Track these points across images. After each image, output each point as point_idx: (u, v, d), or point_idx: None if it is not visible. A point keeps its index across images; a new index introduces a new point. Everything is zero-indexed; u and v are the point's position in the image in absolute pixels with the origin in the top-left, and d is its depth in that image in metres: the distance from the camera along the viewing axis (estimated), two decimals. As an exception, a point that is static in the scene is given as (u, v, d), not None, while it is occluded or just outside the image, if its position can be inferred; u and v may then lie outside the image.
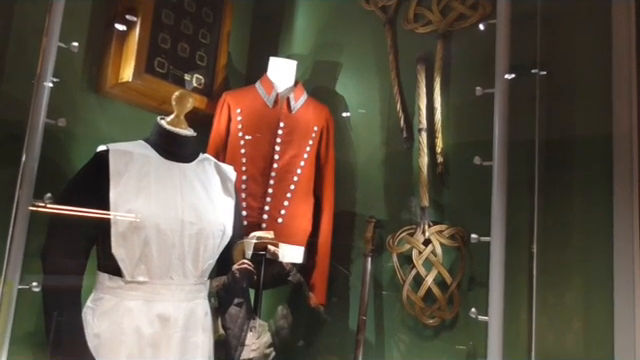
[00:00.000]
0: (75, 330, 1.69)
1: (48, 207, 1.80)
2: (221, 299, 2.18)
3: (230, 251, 2.10)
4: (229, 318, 2.30)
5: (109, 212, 1.73)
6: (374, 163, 2.52)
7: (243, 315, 2.31)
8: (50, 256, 1.75)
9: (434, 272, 2.18)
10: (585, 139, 2.02)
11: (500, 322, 1.88)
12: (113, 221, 1.73)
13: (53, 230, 1.77)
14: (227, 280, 2.14)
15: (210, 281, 2.04)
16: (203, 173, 2.01)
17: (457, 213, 2.24)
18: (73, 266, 1.76)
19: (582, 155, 2.02)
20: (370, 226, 2.40)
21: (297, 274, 2.31)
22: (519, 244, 2.02)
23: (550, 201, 2.02)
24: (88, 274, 1.81)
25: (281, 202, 2.36)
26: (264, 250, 2.17)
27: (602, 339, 1.86)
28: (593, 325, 1.92)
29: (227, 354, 2.28)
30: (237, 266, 2.11)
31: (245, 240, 2.20)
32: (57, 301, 1.72)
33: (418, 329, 2.27)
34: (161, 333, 1.78)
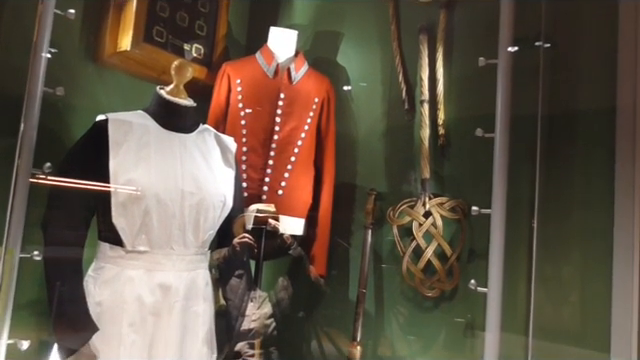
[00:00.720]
0: (77, 298, 1.71)
1: (48, 178, 1.79)
2: (222, 271, 2.19)
3: (230, 223, 2.11)
4: (230, 289, 2.32)
5: (109, 182, 1.73)
6: (375, 135, 2.51)
7: (243, 286, 2.33)
8: (50, 226, 1.75)
9: (434, 244, 2.19)
10: (588, 113, 2.00)
11: (499, 294, 1.89)
12: (113, 191, 1.73)
13: (53, 200, 1.77)
14: (227, 253, 2.15)
15: (211, 252, 2.04)
16: (203, 144, 1.99)
17: (458, 185, 2.24)
18: (74, 235, 1.77)
19: (585, 129, 2.00)
20: (370, 198, 2.40)
21: (298, 248, 2.32)
22: (520, 217, 2.01)
23: (551, 175, 2.02)
24: (89, 244, 1.82)
25: (281, 174, 2.35)
26: (264, 224, 2.17)
27: (599, 313, 1.87)
28: (591, 299, 1.93)
29: (228, 324, 2.30)
30: (238, 240, 2.11)
31: (245, 213, 2.20)
32: (59, 270, 1.73)
33: (417, 300, 2.28)
34: (162, 302, 1.79)
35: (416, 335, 2.30)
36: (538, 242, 1.96)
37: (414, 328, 2.31)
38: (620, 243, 1.87)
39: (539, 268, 1.96)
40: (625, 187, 1.87)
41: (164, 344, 1.79)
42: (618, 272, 1.86)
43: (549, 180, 2.01)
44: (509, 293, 1.94)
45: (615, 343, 1.83)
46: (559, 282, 2.01)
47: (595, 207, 1.94)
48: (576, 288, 1.99)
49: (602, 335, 1.84)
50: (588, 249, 1.96)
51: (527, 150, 2.03)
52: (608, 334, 1.83)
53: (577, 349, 1.93)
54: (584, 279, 1.98)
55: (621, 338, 1.82)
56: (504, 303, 1.90)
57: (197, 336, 1.88)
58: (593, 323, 1.91)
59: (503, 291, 1.90)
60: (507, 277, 1.92)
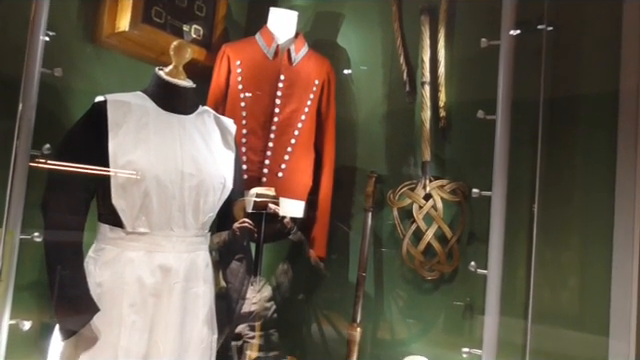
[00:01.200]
0: (78, 279, 1.71)
1: (48, 162, 1.78)
2: (222, 254, 2.20)
3: (230, 206, 2.10)
4: (230, 272, 2.33)
5: (108, 163, 1.72)
6: (375, 117, 2.50)
7: (244, 270, 2.34)
8: (50, 207, 1.75)
9: (434, 227, 2.19)
10: (591, 97, 1.99)
11: (499, 275, 1.90)
12: (112, 172, 1.72)
13: (52, 181, 1.77)
14: (228, 237, 2.15)
15: (211, 234, 2.04)
16: (203, 125, 1.98)
17: (459, 168, 2.23)
18: (73, 217, 1.76)
19: (587, 113, 2.00)
20: (371, 181, 2.39)
21: (298, 232, 2.33)
22: (520, 199, 2.01)
23: (553, 158, 2.01)
24: (88, 227, 1.82)
25: (281, 156, 2.34)
26: (264, 208, 2.17)
27: (599, 298, 1.88)
28: (590, 284, 1.94)
29: (228, 307, 2.32)
30: (238, 224, 2.11)
31: (246, 197, 2.20)
32: (59, 251, 1.72)
33: (417, 283, 2.29)
34: (163, 283, 1.79)
35: (416, 317, 2.32)
36: (538, 226, 1.97)
37: (414, 310, 2.33)
38: (620, 228, 1.87)
39: (539, 252, 1.97)
40: (627, 172, 1.87)
41: (164, 325, 1.79)
42: (618, 257, 1.86)
43: (550, 164, 2.01)
44: (509, 276, 1.95)
45: (614, 327, 1.84)
46: (559, 266, 2.01)
47: (596, 192, 1.94)
48: (576, 272, 2.00)
49: (601, 319, 1.85)
50: (588, 233, 1.96)
51: (528, 133, 2.02)
52: (607, 318, 1.84)
53: (576, 333, 1.94)
54: (584, 263, 1.98)
55: (620, 322, 1.83)
56: (504, 286, 1.91)
57: (197, 317, 1.88)
58: (592, 307, 1.92)
59: (503, 273, 1.91)
60: (507, 260, 1.93)
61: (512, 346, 1.98)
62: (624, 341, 1.81)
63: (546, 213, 1.98)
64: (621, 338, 1.82)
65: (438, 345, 2.21)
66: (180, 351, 1.82)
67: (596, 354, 1.85)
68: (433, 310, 2.25)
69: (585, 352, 1.91)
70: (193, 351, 1.86)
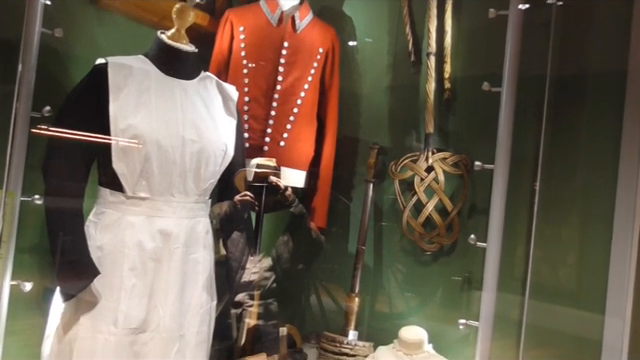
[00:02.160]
0: (78, 242, 1.71)
1: (48, 125, 1.76)
2: (223, 225, 2.20)
3: (232, 175, 2.10)
4: (230, 242, 2.34)
5: (109, 127, 1.71)
6: (379, 88, 2.47)
7: (244, 240, 2.35)
8: (51, 169, 1.74)
9: (435, 199, 2.18)
10: (598, 74, 1.97)
11: (498, 248, 1.90)
12: (113, 135, 1.71)
13: (53, 144, 1.76)
14: (229, 209, 2.15)
15: (211, 201, 2.04)
16: (204, 91, 1.96)
17: (462, 140, 2.22)
18: (74, 179, 1.76)
19: (593, 90, 1.98)
20: (373, 152, 2.38)
21: (299, 205, 2.33)
22: (522, 173, 2.01)
23: (556, 135, 1.99)
24: (89, 193, 1.82)
25: (284, 125, 2.32)
26: (265, 180, 2.16)
27: (597, 276, 1.89)
28: (589, 262, 1.94)
29: (228, 276, 2.33)
30: (239, 197, 2.12)
31: (246, 168, 2.19)
32: (59, 213, 1.73)
33: (416, 254, 2.30)
34: (163, 248, 1.80)
35: (414, 289, 2.33)
36: (539, 202, 1.96)
37: (412, 282, 2.34)
38: (621, 208, 1.86)
39: (539, 228, 1.97)
40: (630, 153, 1.86)
41: (164, 289, 1.81)
42: (617, 236, 1.86)
43: (554, 140, 1.99)
44: (508, 250, 1.95)
45: (610, 305, 1.85)
46: (558, 243, 2.02)
47: (599, 170, 1.93)
48: (575, 250, 2.00)
49: (598, 297, 1.86)
50: (589, 212, 1.96)
51: (534, 107, 2.00)
52: (604, 296, 1.85)
53: (572, 310, 1.96)
54: (583, 241, 1.99)
55: (617, 300, 1.84)
56: (502, 259, 1.91)
57: (197, 283, 1.90)
58: (590, 285, 1.93)
59: (502, 247, 1.91)
60: (507, 233, 1.93)
61: (509, 319, 1.99)
62: (619, 318, 1.82)
63: (548, 189, 1.97)
64: (617, 315, 1.83)
65: (435, 316, 2.23)
66: (179, 316, 1.84)
67: (591, 331, 1.87)
68: (431, 282, 2.27)
69: (581, 328, 1.93)
70: (192, 316, 1.88)
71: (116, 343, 1.72)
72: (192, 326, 1.87)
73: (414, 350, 1.93)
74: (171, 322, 1.81)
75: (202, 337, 1.91)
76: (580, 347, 1.92)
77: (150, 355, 1.78)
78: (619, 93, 1.87)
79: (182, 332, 1.84)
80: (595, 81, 1.97)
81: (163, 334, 1.80)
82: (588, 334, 1.89)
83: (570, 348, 1.95)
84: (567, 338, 1.96)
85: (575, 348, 1.94)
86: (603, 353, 1.85)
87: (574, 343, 1.94)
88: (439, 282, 2.25)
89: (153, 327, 1.78)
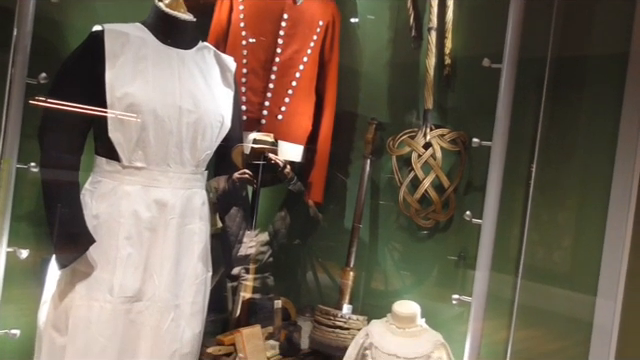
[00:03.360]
0: (74, 210, 1.72)
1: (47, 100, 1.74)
2: (220, 200, 2.21)
3: (229, 148, 2.09)
4: (228, 217, 2.35)
5: (105, 95, 1.69)
6: (379, 62, 2.45)
7: (241, 214, 2.36)
8: (46, 137, 1.74)
9: (432, 175, 2.18)
10: (599, 56, 1.95)
11: (493, 225, 1.89)
12: (109, 104, 1.70)
13: (49, 112, 1.74)
14: (227, 186, 2.15)
15: (208, 173, 2.04)
16: (202, 61, 1.94)
17: (460, 117, 2.21)
18: (70, 148, 1.76)
19: (594, 72, 1.96)
20: (371, 128, 2.37)
21: (298, 183, 2.33)
22: (520, 152, 2.00)
23: (555, 115, 1.99)
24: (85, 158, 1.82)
25: (282, 98, 2.31)
26: (263, 156, 2.16)
27: (590, 258, 1.90)
28: (583, 244, 1.96)
29: (224, 248, 2.35)
30: (238, 175, 2.12)
31: (244, 144, 2.19)
32: (55, 181, 1.73)
33: (412, 230, 2.31)
34: (159, 218, 1.80)
35: (409, 264, 2.35)
36: (536, 181, 1.96)
37: (407, 257, 2.36)
38: (617, 192, 1.86)
39: (534, 207, 1.97)
40: (628, 136, 1.85)
41: (160, 259, 1.82)
42: (612, 219, 1.87)
43: (552, 120, 1.98)
44: (503, 227, 1.95)
45: (602, 286, 1.86)
46: (553, 223, 2.03)
47: (596, 152, 1.93)
48: (569, 231, 2.01)
49: (591, 278, 1.87)
50: (585, 193, 1.96)
51: (533, 86, 1.99)
52: (596, 278, 1.86)
53: (565, 291, 1.97)
54: (578, 223, 1.99)
55: (609, 282, 1.85)
56: (497, 237, 1.91)
57: (192, 253, 1.90)
58: (583, 266, 1.94)
59: (497, 224, 1.91)
60: (502, 211, 1.92)
61: (502, 296, 2.01)
62: (611, 299, 1.84)
63: (544, 170, 1.97)
64: (608, 297, 1.85)
65: (429, 291, 2.25)
66: (175, 285, 1.85)
67: (583, 311, 1.89)
68: (426, 258, 2.28)
69: (572, 309, 1.95)
70: (188, 286, 1.90)
71: (111, 311, 1.74)
72: (187, 296, 1.89)
73: (407, 324, 1.95)
74: (166, 292, 1.83)
75: (197, 307, 1.93)
76: (571, 327, 1.94)
77: (145, 324, 1.81)
78: (620, 76, 1.86)
79: (177, 302, 1.86)
80: (596, 63, 1.95)
81: (158, 303, 1.81)
82: (579, 315, 1.91)
83: (561, 328, 1.97)
84: (558, 318, 1.98)
85: (566, 328, 1.96)
86: (593, 333, 1.87)
87: (565, 323, 1.96)
88: (434, 258, 2.26)
89: (148, 296, 1.80)
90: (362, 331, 2.01)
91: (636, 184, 1.82)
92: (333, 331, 2.14)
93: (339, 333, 2.13)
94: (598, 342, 1.87)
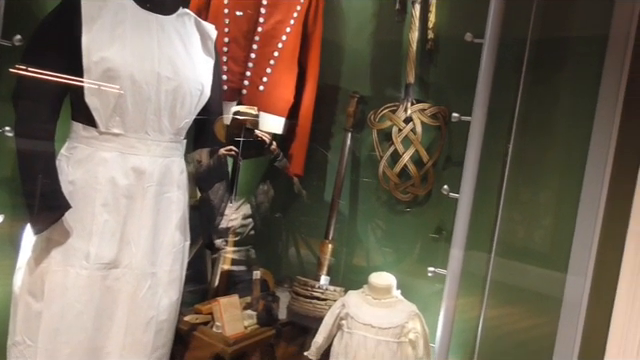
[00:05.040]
0: (49, 175, 1.70)
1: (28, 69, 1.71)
2: (203, 174, 2.20)
3: (209, 120, 2.08)
4: (210, 191, 2.35)
5: (81, 59, 1.66)
6: (363, 36, 2.43)
7: (223, 187, 2.35)
8: (21, 101, 1.71)
9: (412, 150, 2.19)
10: (579, 38, 1.96)
11: (470, 199, 1.92)
12: (86, 68, 1.67)
13: (24, 75, 1.71)
14: (212, 163, 2.15)
15: (187, 142, 2.03)
16: (182, 28, 1.91)
17: (442, 92, 2.21)
18: (45, 112, 1.73)
19: (574, 54, 1.97)
20: (353, 101, 2.36)
21: (284, 159, 2.33)
22: (498, 128, 2.02)
23: (534, 94, 2.00)
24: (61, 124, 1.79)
25: (263, 69, 2.28)
26: (246, 129, 2.15)
27: (562, 237, 1.93)
28: (556, 221, 1.99)
29: (205, 220, 2.34)
30: (225, 151, 2.11)
31: (227, 116, 2.18)
32: (30, 146, 1.70)
33: (391, 204, 2.33)
34: (136, 185, 1.80)
35: (387, 237, 2.37)
36: (512, 159, 1.98)
37: (385, 230, 2.38)
38: (591, 173, 1.89)
39: (510, 184, 2.00)
40: (604, 119, 1.87)
41: (137, 227, 1.81)
42: (585, 197, 1.90)
43: (531, 98, 2.00)
44: (479, 202, 1.97)
45: (573, 264, 1.91)
46: (527, 201, 2.05)
47: (573, 132, 1.95)
48: (543, 209, 2.04)
49: (562, 257, 1.91)
50: (560, 172, 1.99)
51: (514, 63, 2.00)
52: (567, 256, 1.90)
53: (537, 268, 2.02)
54: (552, 201, 2.02)
55: (580, 259, 1.89)
56: (473, 211, 1.93)
57: (170, 221, 1.90)
58: (555, 245, 1.98)
59: (474, 199, 1.93)
60: (479, 185, 1.95)
61: (476, 269, 2.05)
62: (581, 276, 1.88)
63: (521, 148, 2.00)
64: (579, 274, 1.89)
65: (406, 264, 2.28)
66: (152, 253, 1.86)
67: (553, 288, 1.93)
68: (404, 231, 2.30)
69: (543, 285, 1.99)
70: (165, 254, 1.90)
71: (88, 277, 1.74)
72: (164, 264, 1.89)
73: (382, 295, 1.98)
74: (143, 259, 1.83)
75: (174, 275, 1.94)
76: (542, 302, 1.99)
77: (122, 291, 1.81)
78: (599, 57, 1.87)
79: (154, 270, 1.86)
80: (576, 44, 1.96)
81: (135, 271, 1.82)
82: (550, 291, 1.95)
83: (532, 303, 2.02)
84: (530, 293, 2.02)
85: (536, 303, 2.01)
86: (563, 309, 1.92)
87: (536, 298, 2.01)
88: (412, 231, 2.28)
89: (125, 263, 1.80)
90: (338, 301, 2.04)
91: (610, 164, 1.85)
92: (310, 302, 2.16)
93: (316, 304, 2.15)
94: (567, 316, 1.92)
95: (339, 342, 1.97)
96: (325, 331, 2.00)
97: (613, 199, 1.83)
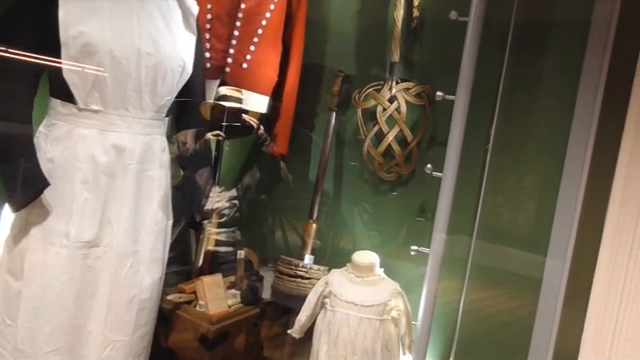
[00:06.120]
0: (27, 153, 1.67)
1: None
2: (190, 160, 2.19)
3: (190, 96, 2.05)
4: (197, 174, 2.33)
5: (58, 33, 1.62)
6: (348, 14, 2.40)
7: (209, 170, 2.33)
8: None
9: (396, 129, 2.19)
10: (563, 22, 1.95)
11: (453, 178, 1.91)
12: (63, 42, 1.63)
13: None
14: (199, 147, 2.14)
15: (169, 120, 2.00)
16: (163, 3, 1.87)
17: (426, 71, 2.20)
18: (22, 88, 1.69)
19: (557, 37, 1.96)
20: (338, 80, 2.35)
21: (271, 144, 2.32)
22: (482, 107, 2.01)
23: (517, 75, 2.00)
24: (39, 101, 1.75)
25: (247, 46, 2.25)
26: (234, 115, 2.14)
27: (543, 220, 1.95)
28: (537, 204, 2.00)
29: (190, 199, 2.33)
30: (212, 135, 2.09)
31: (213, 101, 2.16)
32: (6, 122, 1.67)
33: (375, 184, 2.33)
34: (117, 163, 1.77)
35: (371, 216, 2.38)
36: (494, 141, 1.99)
37: (369, 210, 2.38)
38: (573, 154, 1.90)
39: (492, 167, 2.01)
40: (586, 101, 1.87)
41: (118, 205, 1.79)
42: (566, 181, 1.91)
43: (515, 79, 2.00)
44: (463, 181, 1.97)
45: (553, 247, 1.92)
46: (509, 182, 2.07)
47: (555, 115, 1.95)
48: (525, 193, 2.05)
49: (542, 240, 1.93)
50: (541, 156, 1.99)
51: (499, 43, 1.99)
52: (547, 239, 1.92)
53: (518, 251, 2.03)
54: (533, 184, 2.04)
55: (559, 242, 1.91)
56: (456, 192, 1.93)
57: (152, 200, 1.88)
58: (535, 229, 2.00)
59: (457, 178, 1.93)
60: (463, 165, 1.95)
61: (459, 249, 2.06)
62: (560, 259, 1.90)
63: (504, 129, 2.00)
64: (558, 257, 1.91)
65: (390, 243, 2.29)
66: (134, 232, 1.84)
67: (533, 270, 1.95)
68: (388, 210, 2.31)
69: (523, 267, 2.01)
70: (147, 233, 1.88)
71: (68, 256, 1.72)
72: (146, 243, 1.88)
73: (365, 273, 1.98)
74: (125, 238, 1.81)
75: (157, 254, 1.93)
76: (522, 284, 2.01)
77: (103, 269, 1.80)
78: (581, 41, 1.86)
79: (136, 248, 1.85)
80: (559, 27, 1.96)
81: (116, 249, 1.80)
82: (530, 273, 1.97)
83: (512, 283, 2.04)
84: (510, 275, 2.04)
85: (516, 284, 2.03)
86: (542, 290, 1.94)
87: (515, 279, 2.03)
88: (395, 211, 2.29)
89: (106, 242, 1.79)
90: (322, 279, 2.04)
91: (591, 147, 1.86)
92: (294, 280, 2.17)
93: (300, 282, 2.16)
94: (546, 298, 1.95)
95: (322, 320, 1.98)
96: (308, 309, 2.01)
97: (593, 182, 1.84)
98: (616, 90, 1.82)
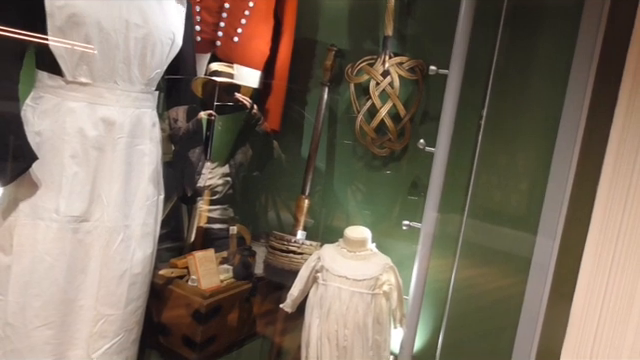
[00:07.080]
0: (13, 126, 1.64)
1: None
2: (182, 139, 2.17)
3: (180, 71, 2.03)
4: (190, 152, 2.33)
5: (44, 3, 1.59)
6: (340, -14, 2.37)
7: (200, 147, 2.32)
8: None
9: (389, 104, 2.17)
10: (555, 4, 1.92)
11: (446, 153, 1.91)
12: (49, 12, 1.59)
13: None
14: (192, 126, 2.13)
15: (159, 93, 1.98)
16: (151, -27, 1.83)
17: (420, 45, 2.17)
18: (7, 60, 1.66)
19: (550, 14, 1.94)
20: (330, 54, 2.32)
21: (264, 123, 2.31)
22: (476, 82, 2.00)
23: (511, 53, 1.98)
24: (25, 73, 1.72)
25: (238, 19, 2.22)
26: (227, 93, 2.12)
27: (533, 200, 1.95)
28: (528, 183, 2.00)
29: (181, 174, 2.32)
30: (205, 114, 2.07)
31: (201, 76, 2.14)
32: None
33: (367, 159, 2.32)
34: (106, 137, 1.75)
35: (363, 192, 2.37)
36: (487, 118, 1.98)
37: (362, 185, 2.37)
38: (564, 132, 1.89)
39: (484, 142, 2.00)
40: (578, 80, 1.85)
41: (108, 179, 1.78)
42: (558, 158, 1.91)
43: (508, 55, 1.98)
44: (455, 156, 1.97)
45: (543, 226, 1.93)
46: (500, 160, 2.06)
47: (548, 93, 1.93)
48: (516, 172, 2.05)
49: (533, 219, 1.93)
50: (534, 133, 1.99)
51: (493, 17, 1.97)
52: (538, 218, 1.92)
53: (509, 229, 2.04)
54: (525, 164, 2.03)
55: (549, 221, 1.92)
56: (449, 167, 1.93)
57: (143, 174, 1.87)
58: (526, 207, 2.00)
59: (450, 153, 1.93)
60: (455, 140, 1.94)
61: (450, 225, 2.07)
62: (550, 238, 1.91)
63: (496, 108, 1.98)
64: (548, 235, 1.92)
65: (382, 218, 2.29)
66: (124, 206, 1.83)
67: (523, 249, 1.96)
68: (381, 186, 2.30)
69: (513, 245, 2.02)
70: (138, 208, 1.87)
71: (58, 230, 1.71)
72: (137, 217, 1.87)
73: (357, 248, 1.99)
74: (115, 212, 1.80)
75: (148, 229, 1.92)
76: (512, 262, 2.02)
77: (94, 244, 1.79)
78: (575, 18, 1.84)
79: (127, 222, 1.84)
80: (553, 2, 1.93)
81: (107, 224, 1.79)
82: (520, 251, 1.98)
83: (502, 262, 2.05)
84: (500, 253, 2.05)
85: (506, 263, 2.04)
86: (531, 269, 1.96)
87: (506, 258, 2.04)
88: (388, 186, 2.28)
89: (97, 216, 1.78)
90: (314, 254, 2.04)
91: (582, 126, 1.85)
92: (286, 256, 2.17)
93: (292, 258, 2.16)
94: (535, 276, 1.96)
95: (314, 294, 1.99)
96: (301, 284, 2.01)
97: (585, 160, 1.84)
98: (609, 67, 1.81)
